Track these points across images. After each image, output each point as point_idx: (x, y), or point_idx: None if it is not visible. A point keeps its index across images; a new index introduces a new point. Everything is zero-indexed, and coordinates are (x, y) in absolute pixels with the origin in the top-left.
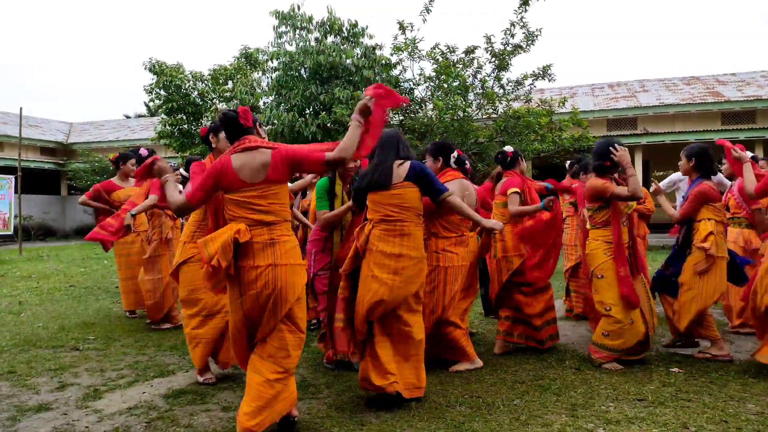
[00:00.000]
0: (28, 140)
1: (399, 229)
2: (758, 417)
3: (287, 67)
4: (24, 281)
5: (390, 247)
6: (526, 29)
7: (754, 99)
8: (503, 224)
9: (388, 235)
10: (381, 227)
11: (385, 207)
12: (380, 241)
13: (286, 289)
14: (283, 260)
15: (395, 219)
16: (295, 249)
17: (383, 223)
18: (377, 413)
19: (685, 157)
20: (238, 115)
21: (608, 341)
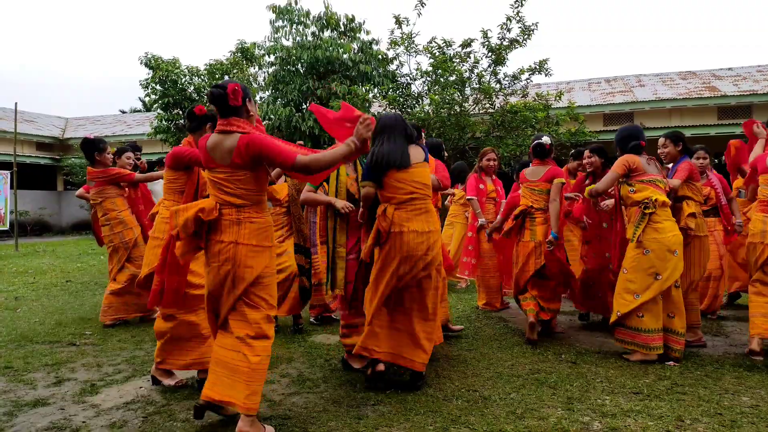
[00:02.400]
0: (23, 135)
1: (424, 207)
2: (753, 410)
3: (284, 62)
4: (20, 277)
5: (421, 226)
6: (522, 23)
7: (750, 94)
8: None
9: (417, 214)
10: (408, 207)
11: (410, 184)
12: (409, 221)
13: (243, 268)
14: (246, 240)
15: (420, 197)
16: (261, 230)
17: (409, 202)
18: (374, 407)
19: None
20: (228, 96)
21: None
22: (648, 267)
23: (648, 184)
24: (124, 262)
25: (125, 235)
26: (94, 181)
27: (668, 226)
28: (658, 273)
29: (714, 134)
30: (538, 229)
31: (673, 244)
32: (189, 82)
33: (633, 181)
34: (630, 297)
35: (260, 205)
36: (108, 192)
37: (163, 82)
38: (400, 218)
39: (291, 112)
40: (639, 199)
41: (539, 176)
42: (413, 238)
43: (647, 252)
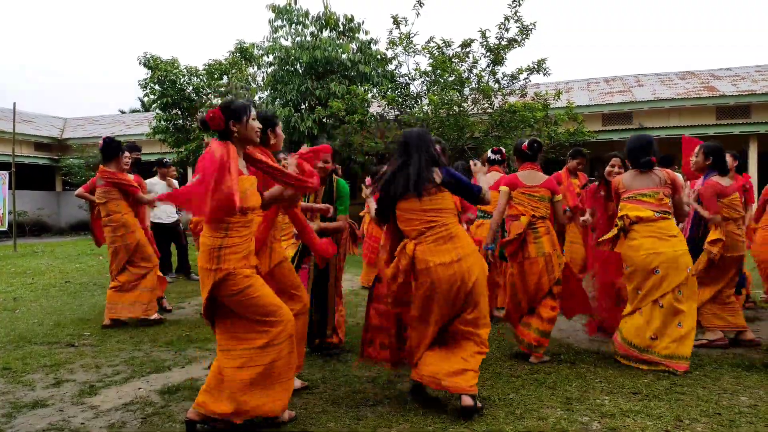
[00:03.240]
0: (22, 136)
1: (446, 234)
2: (751, 409)
3: (283, 62)
4: (19, 277)
5: (447, 257)
6: (521, 23)
7: (748, 93)
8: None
9: (439, 244)
10: (428, 240)
11: (426, 214)
12: (434, 255)
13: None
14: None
15: (438, 224)
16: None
17: (429, 232)
18: (373, 408)
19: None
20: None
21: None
22: (629, 281)
23: (628, 201)
24: (125, 265)
25: (127, 238)
26: (104, 180)
27: (645, 243)
28: (638, 288)
29: (712, 134)
30: (544, 240)
31: (649, 263)
32: (188, 82)
33: (621, 199)
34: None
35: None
36: (114, 194)
37: (162, 82)
38: (422, 253)
39: (290, 113)
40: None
41: (539, 181)
42: (441, 271)
43: (627, 268)
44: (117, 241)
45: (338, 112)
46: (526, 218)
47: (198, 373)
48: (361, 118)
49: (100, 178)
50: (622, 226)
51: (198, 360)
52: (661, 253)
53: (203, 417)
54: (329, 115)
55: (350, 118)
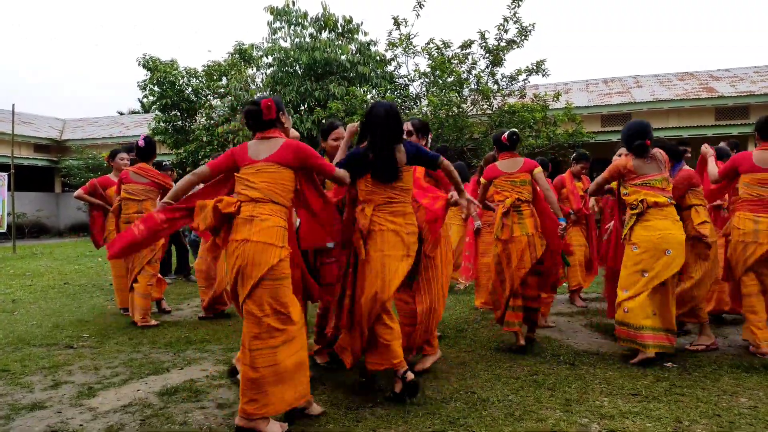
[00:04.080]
0: (21, 137)
1: (401, 210)
2: (751, 411)
3: (282, 63)
4: (18, 279)
5: (399, 227)
6: (520, 24)
7: (747, 95)
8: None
9: (395, 216)
10: (386, 210)
11: (388, 190)
12: (388, 221)
13: (251, 266)
14: (256, 237)
15: (399, 201)
16: (271, 229)
17: (387, 205)
18: (372, 409)
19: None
20: (262, 111)
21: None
22: (635, 263)
23: (640, 187)
24: (145, 265)
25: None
26: (148, 179)
27: (659, 224)
28: (645, 270)
29: (711, 135)
30: (527, 221)
31: (663, 243)
32: (187, 84)
33: (627, 183)
34: (621, 292)
35: (277, 206)
36: (153, 193)
37: (161, 83)
38: (379, 218)
39: (289, 114)
40: (630, 201)
41: (517, 167)
42: (391, 237)
43: (635, 248)
44: None
45: (337, 113)
46: (510, 200)
47: (197, 374)
48: (360, 119)
49: (140, 175)
50: (640, 210)
51: (197, 361)
52: (674, 234)
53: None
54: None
55: (349, 120)
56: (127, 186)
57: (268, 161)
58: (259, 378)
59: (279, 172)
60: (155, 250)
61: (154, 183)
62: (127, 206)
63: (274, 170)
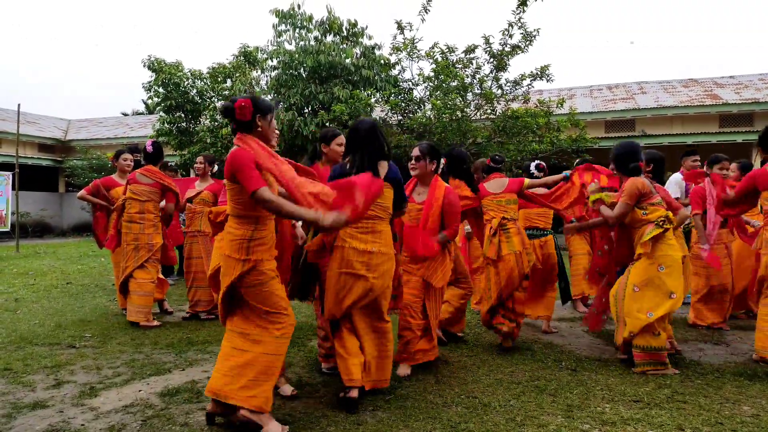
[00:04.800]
0: (25, 137)
1: (371, 227)
2: (753, 419)
3: (286, 66)
4: (21, 278)
5: (363, 245)
6: (524, 30)
7: (751, 102)
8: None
9: (360, 232)
10: (354, 226)
11: None
12: (352, 238)
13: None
14: (223, 249)
15: (369, 217)
16: (233, 242)
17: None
18: (373, 412)
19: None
20: (234, 110)
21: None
22: (662, 284)
23: (658, 206)
24: (144, 263)
25: (153, 238)
26: (154, 180)
27: (677, 243)
28: (673, 291)
29: (715, 142)
30: (514, 239)
31: (680, 262)
32: (192, 85)
33: (645, 204)
34: (643, 315)
35: (234, 219)
36: (155, 195)
37: (166, 84)
38: (344, 233)
39: (293, 117)
40: (653, 219)
41: (503, 187)
42: (352, 254)
43: (662, 269)
44: (142, 238)
45: (341, 116)
46: (497, 220)
47: (198, 375)
48: None
49: (146, 176)
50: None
51: (198, 362)
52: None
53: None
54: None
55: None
56: (133, 186)
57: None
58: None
59: (233, 187)
60: (153, 250)
61: (158, 184)
62: (130, 205)
63: (230, 186)
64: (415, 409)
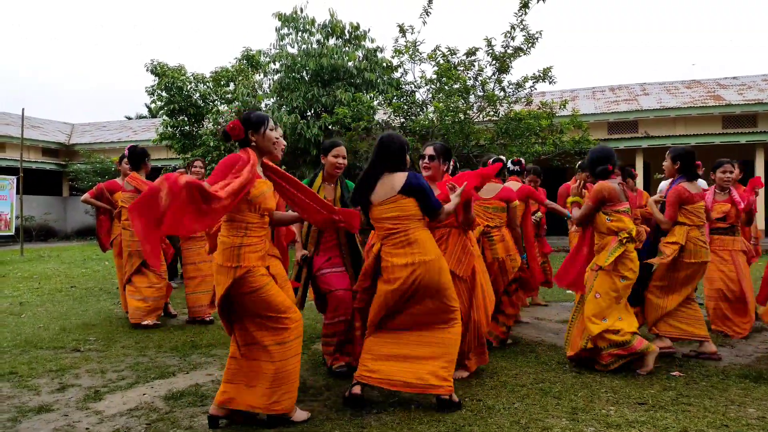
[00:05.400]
0: (29, 141)
1: (404, 240)
2: (759, 421)
3: (289, 70)
4: (25, 282)
5: (403, 259)
6: (527, 32)
7: (755, 103)
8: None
9: (397, 247)
10: (388, 243)
11: (383, 222)
12: (391, 256)
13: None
14: (215, 258)
15: (397, 231)
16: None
17: (389, 238)
18: (377, 415)
19: (670, 159)
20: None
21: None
22: (615, 292)
23: (623, 214)
24: (140, 266)
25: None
26: (133, 186)
27: (635, 255)
28: (621, 297)
29: (718, 143)
30: (498, 246)
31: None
32: (194, 89)
33: (609, 210)
34: (598, 320)
35: (227, 224)
36: None
37: (169, 88)
38: (384, 253)
39: (296, 119)
40: (615, 229)
41: (493, 194)
42: (399, 272)
43: (624, 280)
44: (133, 245)
45: (344, 119)
46: (479, 228)
47: (202, 379)
48: (366, 125)
49: (128, 182)
50: (629, 239)
51: (203, 366)
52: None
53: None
54: (335, 122)
55: (356, 125)
56: (119, 194)
57: None
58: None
59: None
60: (142, 257)
61: (137, 190)
62: (123, 213)
63: None
64: (419, 412)
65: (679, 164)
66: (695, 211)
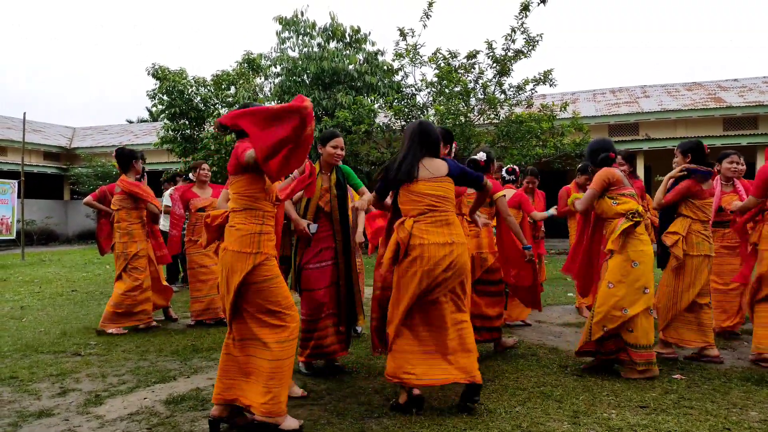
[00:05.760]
0: (31, 145)
1: (445, 219)
2: (761, 424)
3: (290, 73)
4: (26, 286)
5: (442, 238)
6: (527, 35)
7: (755, 105)
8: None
9: (436, 226)
10: (427, 219)
11: (427, 197)
12: (429, 234)
13: (231, 273)
14: (231, 246)
15: (440, 209)
16: (244, 237)
17: (428, 215)
18: (378, 419)
19: (681, 153)
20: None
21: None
22: (636, 280)
23: (630, 197)
24: (121, 272)
25: (128, 247)
26: (121, 188)
27: (647, 237)
28: (647, 287)
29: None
30: (471, 242)
31: (653, 256)
32: (195, 93)
33: (614, 194)
34: (618, 312)
35: (245, 212)
36: (127, 203)
37: (170, 92)
38: (419, 230)
39: None
40: (623, 211)
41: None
42: (435, 250)
43: (636, 264)
44: (119, 247)
45: (345, 122)
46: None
47: (203, 383)
48: (367, 128)
49: (117, 185)
50: (637, 220)
51: (203, 370)
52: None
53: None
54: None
55: (357, 128)
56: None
57: (230, 173)
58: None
59: (239, 180)
60: (128, 259)
61: (123, 192)
62: (115, 216)
63: (234, 180)
64: (419, 416)
65: (690, 157)
66: (703, 207)
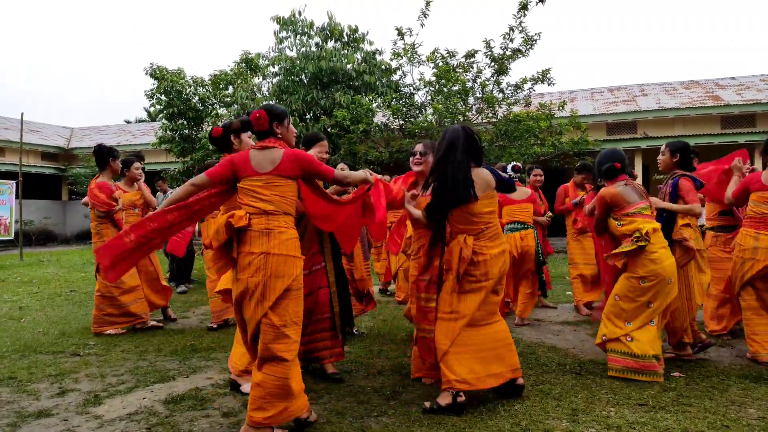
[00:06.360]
0: (29, 145)
1: (496, 231)
2: (760, 422)
3: (288, 73)
4: (25, 286)
5: (496, 250)
6: (525, 34)
7: (753, 103)
8: None
9: (491, 240)
10: (484, 237)
11: (485, 216)
12: (488, 249)
13: (274, 278)
14: (277, 250)
15: (492, 223)
16: (290, 241)
17: (484, 232)
18: (378, 418)
19: (669, 151)
20: (252, 123)
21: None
22: (641, 295)
23: (634, 216)
24: (95, 272)
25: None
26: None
27: (663, 254)
28: (651, 301)
29: (717, 143)
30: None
31: (670, 273)
32: (193, 93)
33: (618, 215)
34: (621, 323)
35: (289, 217)
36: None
37: (168, 92)
38: (479, 247)
39: (295, 122)
40: (628, 232)
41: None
42: (493, 264)
43: (643, 282)
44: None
45: (343, 121)
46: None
47: (202, 382)
48: (365, 127)
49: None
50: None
51: (203, 369)
52: (672, 262)
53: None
54: (334, 124)
55: (355, 128)
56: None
57: (273, 174)
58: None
59: (287, 185)
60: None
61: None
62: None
63: (282, 183)
64: (419, 415)
65: (678, 157)
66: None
